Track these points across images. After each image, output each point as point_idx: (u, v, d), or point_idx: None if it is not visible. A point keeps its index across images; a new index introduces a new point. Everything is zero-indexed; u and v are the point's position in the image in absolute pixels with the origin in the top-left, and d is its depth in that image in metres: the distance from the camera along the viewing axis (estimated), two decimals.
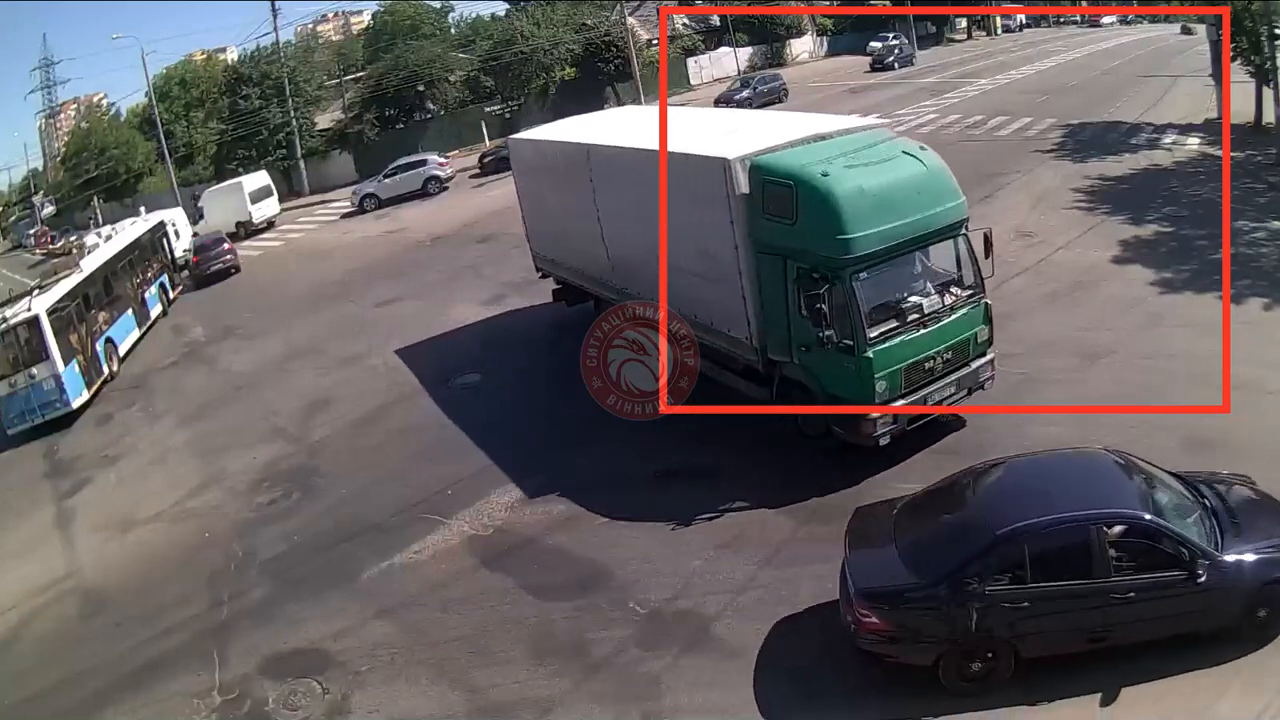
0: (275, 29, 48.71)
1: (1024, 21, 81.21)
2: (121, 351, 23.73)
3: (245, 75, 48.81)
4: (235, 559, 12.92)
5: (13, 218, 70.01)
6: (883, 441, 11.26)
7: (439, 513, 12.75)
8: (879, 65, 54.10)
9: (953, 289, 11.65)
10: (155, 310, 27.58)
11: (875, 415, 11.00)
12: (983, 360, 11.92)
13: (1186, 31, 55.70)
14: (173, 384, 21.56)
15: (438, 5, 60.22)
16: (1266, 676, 7.73)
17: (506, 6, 58.49)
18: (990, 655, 7.89)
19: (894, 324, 11.07)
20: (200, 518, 14.44)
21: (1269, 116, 27.07)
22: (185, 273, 32.26)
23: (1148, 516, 7.79)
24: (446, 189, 38.61)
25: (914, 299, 11.33)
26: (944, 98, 40.00)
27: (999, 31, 75.54)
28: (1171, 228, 19.03)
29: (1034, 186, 23.42)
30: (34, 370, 19.56)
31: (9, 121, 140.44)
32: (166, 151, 46.94)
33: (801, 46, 64.21)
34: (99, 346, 22.30)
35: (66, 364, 19.92)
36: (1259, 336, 13.43)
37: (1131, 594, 7.61)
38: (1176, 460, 10.63)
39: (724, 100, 44.78)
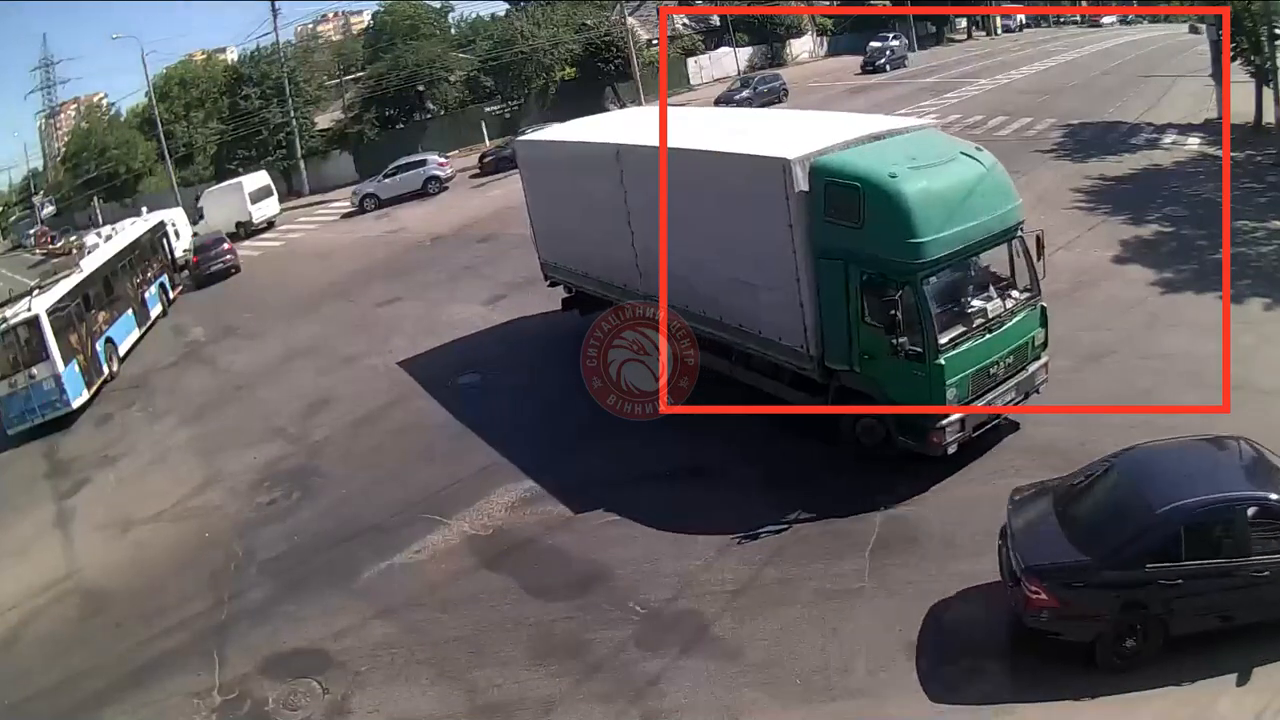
0: (275, 29, 48.71)
1: (1024, 21, 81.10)
2: (121, 351, 23.73)
3: (245, 75, 48.80)
4: (235, 559, 12.93)
5: (13, 218, 69.96)
6: (951, 450, 10.91)
7: (439, 513, 12.76)
8: (870, 67, 52.96)
9: (1012, 292, 11.41)
10: (155, 310, 27.58)
11: (945, 423, 10.66)
12: (1038, 364, 11.68)
13: (1194, 31, 55.53)
14: (173, 384, 21.56)
15: (438, 5, 60.06)
16: (1267, 676, 7.73)
17: (506, 6, 58.47)
18: (1142, 633, 8.03)
19: (961, 329, 10.75)
20: (200, 518, 14.45)
21: (1269, 116, 27.07)
22: (185, 273, 32.24)
23: None
24: (446, 189, 38.59)
25: (977, 303, 11.04)
26: (944, 97, 39.96)
27: (999, 31, 75.43)
28: (1171, 228, 19.03)
29: (1034, 186, 23.34)
30: (34, 370, 19.56)
31: (9, 121, 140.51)
32: (166, 151, 46.91)
33: (801, 46, 64.17)
34: (99, 346, 22.30)
35: (66, 364, 19.92)
36: (1259, 336, 13.43)
37: (1266, 573, 7.83)
38: None
39: (724, 100, 44.71)
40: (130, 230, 29.22)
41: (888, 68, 51.99)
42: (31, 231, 57.15)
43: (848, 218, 10.77)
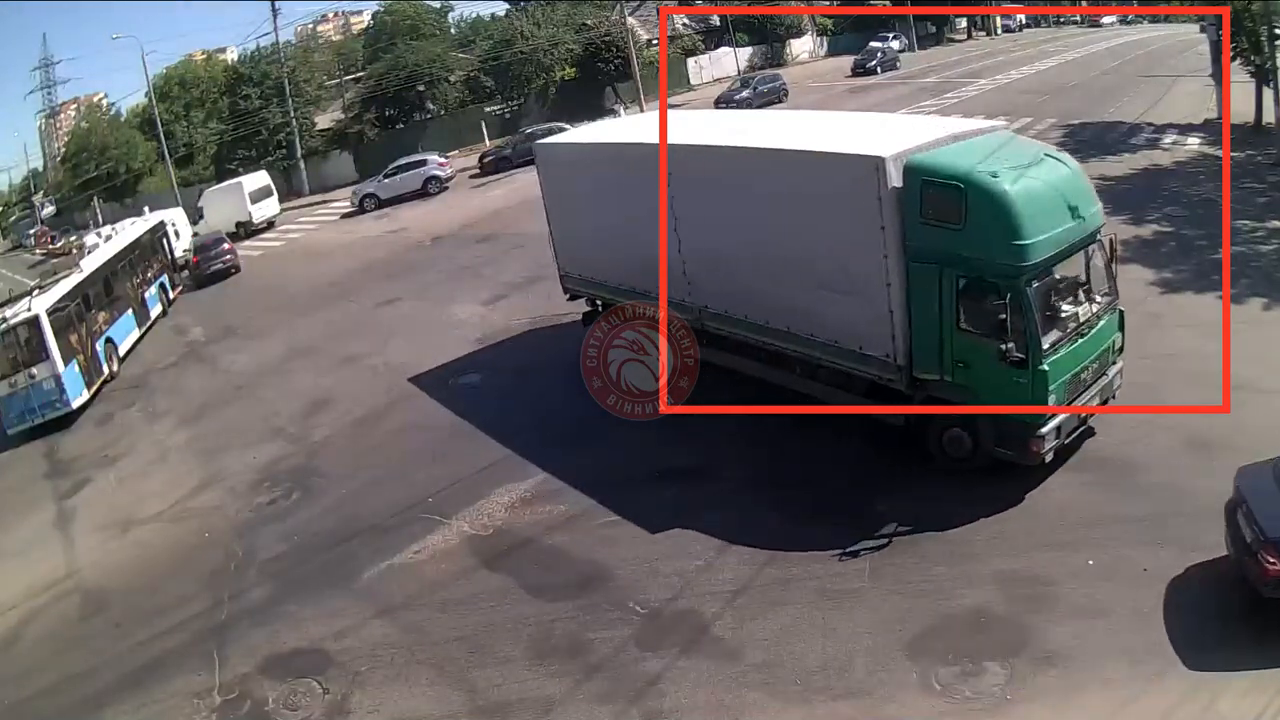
0: (275, 29, 48.72)
1: (1024, 21, 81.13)
2: (121, 351, 23.73)
3: (245, 75, 48.82)
4: (235, 559, 12.92)
5: (13, 218, 70.00)
6: (1048, 458, 10.55)
7: (439, 513, 12.76)
8: (861, 69, 52.18)
9: (1096, 296, 11.13)
10: (155, 310, 27.58)
11: (1045, 431, 10.29)
12: (1116, 368, 11.38)
13: (1205, 30, 55.32)
14: (173, 384, 21.56)
15: (438, 5, 60.15)
16: (1267, 676, 7.73)
17: (506, 6, 58.49)
18: None
19: (1057, 334, 10.42)
20: (200, 518, 14.45)
21: (1269, 116, 27.06)
22: (185, 273, 32.25)
23: None
24: (446, 189, 38.60)
25: (1068, 308, 10.73)
26: (944, 97, 39.97)
27: (999, 31, 75.49)
28: (1171, 228, 19.03)
29: None
30: (34, 370, 19.56)
31: (9, 121, 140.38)
32: (166, 151, 46.93)
33: (801, 46, 64.19)
34: (99, 346, 22.30)
35: (66, 364, 19.92)
36: (1259, 336, 13.43)
37: None
38: (1178, 460, 10.69)
39: (724, 100, 44.75)
40: (130, 230, 29.22)
41: (879, 70, 51.44)
42: (31, 231, 57.21)
43: (947, 219, 10.21)
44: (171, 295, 29.69)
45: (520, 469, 13.41)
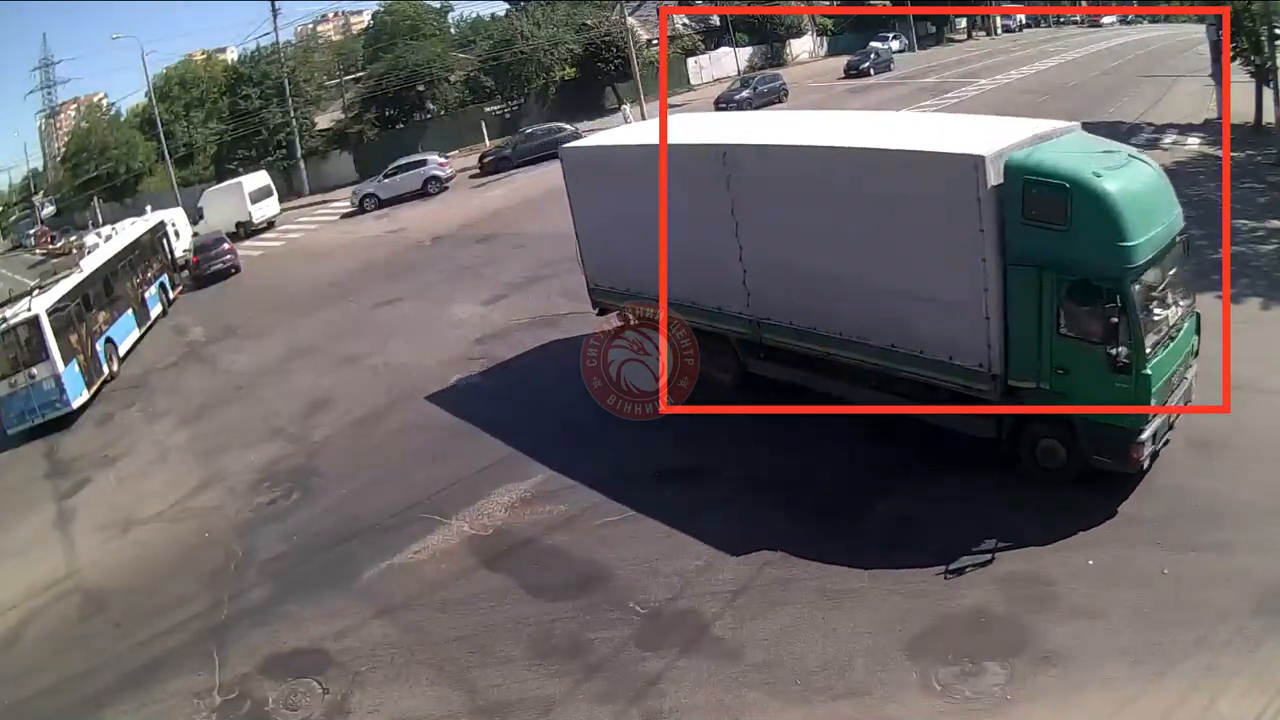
0: (275, 29, 48.77)
1: (1024, 21, 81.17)
2: (121, 351, 23.74)
3: (245, 75, 48.85)
4: (235, 559, 12.92)
5: (13, 218, 70.04)
6: (1145, 465, 10.21)
7: (439, 513, 12.75)
8: (853, 72, 51.42)
9: (1180, 298, 10.79)
10: (155, 310, 27.59)
11: (1143, 437, 9.91)
12: (1193, 370, 11.03)
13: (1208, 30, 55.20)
14: (173, 384, 21.57)
15: (438, 5, 60.16)
16: (1267, 676, 7.73)
17: (506, 6, 58.50)
18: None
19: (1155, 337, 10.04)
20: (200, 518, 14.45)
21: (1269, 116, 27.05)
22: (185, 273, 32.26)
23: None
24: (446, 189, 38.61)
25: (1159, 311, 10.29)
26: (944, 97, 39.99)
27: (999, 31, 75.52)
28: None
29: None
30: (34, 370, 19.56)
31: (9, 121, 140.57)
32: (166, 151, 46.96)
33: (801, 46, 64.21)
34: (99, 346, 22.31)
35: (66, 364, 19.93)
36: (1259, 336, 13.41)
37: None
38: (1178, 460, 10.68)
39: (724, 100, 44.79)
40: (130, 230, 29.24)
41: (871, 72, 50.83)
42: (31, 231, 57.28)
43: (1051, 220, 9.78)
44: (171, 295, 29.70)
45: (520, 469, 13.41)
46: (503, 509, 12.58)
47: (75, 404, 20.04)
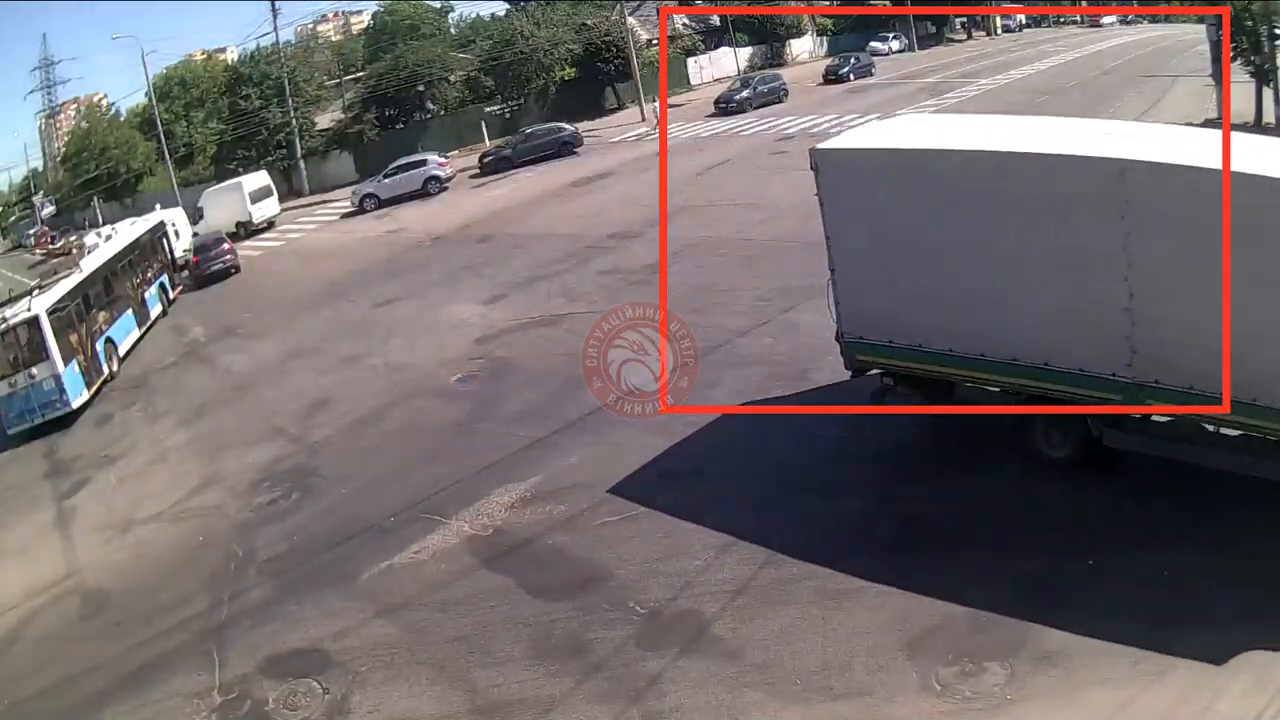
0: (275, 29, 48.74)
1: (1024, 21, 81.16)
2: (121, 351, 23.73)
3: (245, 75, 48.80)
4: (235, 559, 12.90)
5: (13, 218, 70.03)
6: None
7: (439, 513, 12.74)
8: (833, 77, 50.18)
9: None
10: (155, 310, 27.58)
11: None
12: None
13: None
14: (173, 384, 21.57)
15: (438, 5, 60.35)
16: (1267, 675, 7.73)
17: (506, 6, 58.52)
18: None
19: None
20: (200, 518, 14.44)
21: (1269, 116, 27.08)
22: (185, 273, 32.26)
23: None
24: (446, 189, 38.62)
25: None
26: (944, 98, 40.01)
27: (999, 31, 75.54)
28: None
29: None
30: (34, 370, 19.55)
31: (9, 121, 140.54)
32: (166, 151, 46.97)
33: (801, 46, 64.21)
34: (99, 346, 22.31)
35: (66, 364, 19.92)
36: None
37: None
38: (1178, 460, 10.67)
39: (724, 100, 44.86)
40: (130, 230, 29.23)
41: (851, 77, 49.84)
42: (31, 231, 57.25)
43: None
44: (171, 295, 29.69)
45: (520, 469, 13.40)
46: (503, 509, 12.58)
47: (75, 404, 20.03)
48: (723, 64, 57.44)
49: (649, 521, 11.51)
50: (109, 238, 27.81)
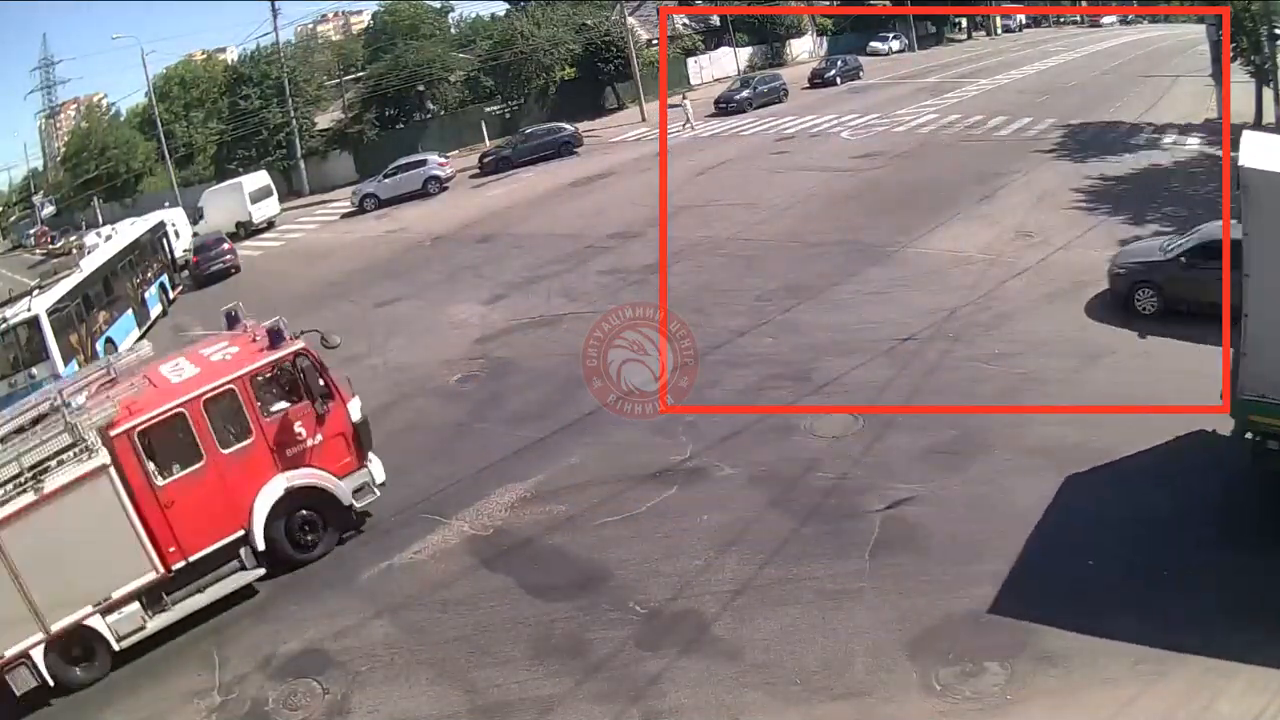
0: (275, 29, 48.64)
1: (1024, 21, 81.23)
2: (121, 351, 23.71)
3: (245, 75, 48.77)
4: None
5: (13, 218, 69.99)
6: None
7: (439, 513, 12.74)
8: (818, 80, 49.75)
9: None
10: (155, 310, 27.57)
11: None
12: None
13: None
14: None
15: (438, 5, 60.18)
16: (1267, 675, 7.73)
17: (506, 6, 58.48)
18: None
19: None
20: None
21: (1269, 116, 27.09)
22: (185, 272, 32.25)
23: None
24: (446, 189, 38.59)
25: None
26: (944, 97, 40.00)
27: (999, 31, 75.59)
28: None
29: (1034, 186, 23.43)
30: (34, 370, 19.55)
31: (9, 121, 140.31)
32: (166, 151, 46.95)
33: (801, 46, 64.19)
34: (99, 346, 22.30)
35: (66, 364, 19.91)
36: None
37: None
38: (1179, 459, 10.69)
39: (724, 100, 44.89)
40: (130, 230, 29.23)
41: (838, 80, 49.36)
42: (31, 231, 57.16)
43: None
44: (171, 295, 29.68)
45: (520, 469, 13.40)
46: (503, 509, 12.58)
47: None
48: (723, 64, 57.44)
49: (649, 521, 11.52)
50: (109, 238, 27.81)
